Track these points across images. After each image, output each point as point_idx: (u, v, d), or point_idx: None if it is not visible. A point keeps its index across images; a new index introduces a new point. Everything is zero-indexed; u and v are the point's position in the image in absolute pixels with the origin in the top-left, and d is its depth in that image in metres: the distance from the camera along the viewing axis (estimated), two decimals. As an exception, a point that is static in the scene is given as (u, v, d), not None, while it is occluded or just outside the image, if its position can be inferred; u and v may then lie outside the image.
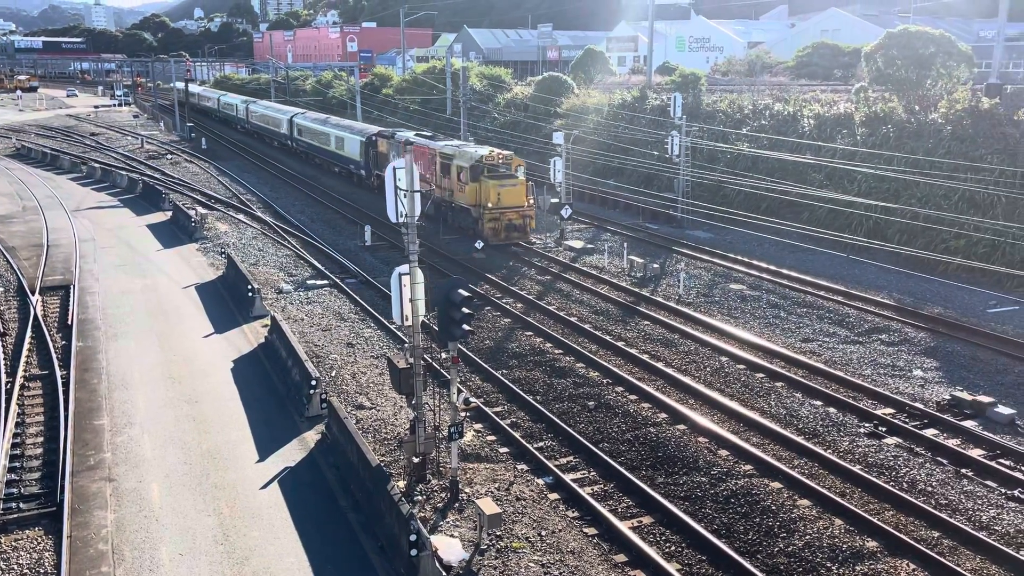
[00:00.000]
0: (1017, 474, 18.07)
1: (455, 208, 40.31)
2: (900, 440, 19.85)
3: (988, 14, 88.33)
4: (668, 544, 16.02)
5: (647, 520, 16.80)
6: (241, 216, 45.86)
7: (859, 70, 46.27)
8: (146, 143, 76.39)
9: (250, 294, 29.32)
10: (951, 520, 16.44)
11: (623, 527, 16.27)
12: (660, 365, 24.43)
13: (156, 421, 21.02)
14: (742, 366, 24.49)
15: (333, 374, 23.85)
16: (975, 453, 19.08)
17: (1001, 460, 18.86)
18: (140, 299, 31.08)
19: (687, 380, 23.27)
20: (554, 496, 17.62)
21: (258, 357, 25.48)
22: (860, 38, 72.19)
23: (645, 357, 25.07)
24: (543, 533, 16.17)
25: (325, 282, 33.21)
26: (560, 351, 25.89)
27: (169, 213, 46.51)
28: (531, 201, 39.01)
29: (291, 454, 19.48)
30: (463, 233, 40.15)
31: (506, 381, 23.22)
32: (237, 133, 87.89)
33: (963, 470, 18.51)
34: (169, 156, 69.32)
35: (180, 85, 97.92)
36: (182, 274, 34.72)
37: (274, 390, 23.04)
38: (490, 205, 37.55)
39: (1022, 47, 71.34)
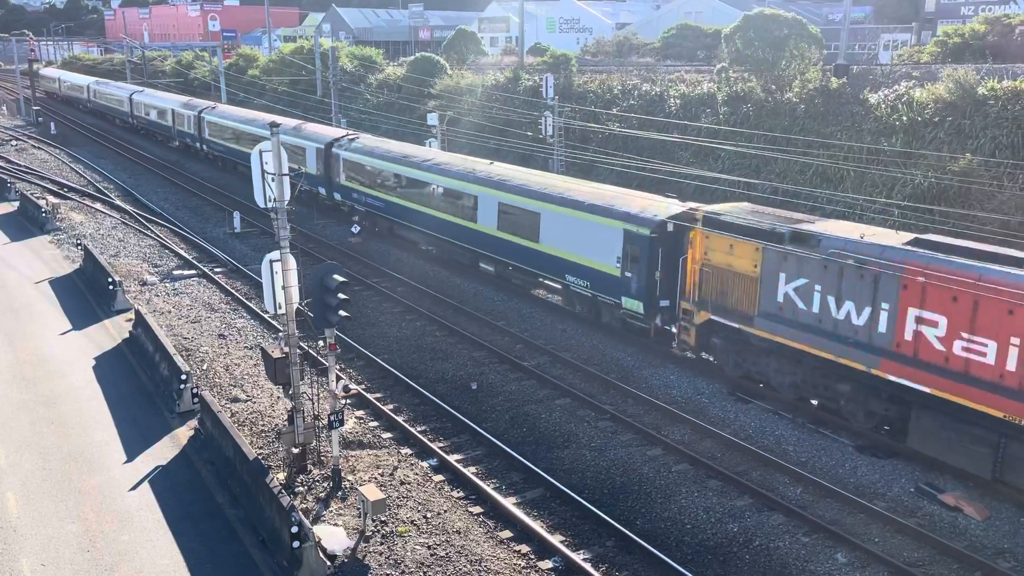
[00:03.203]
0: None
1: None
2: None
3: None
4: (552, 517, 16.35)
5: (531, 495, 17.08)
6: (98, 205, 43.22)
7: (720, 51, 48.12)
8: (-14, 129, 70.74)
9: (111, 287, 27.75)
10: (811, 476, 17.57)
11: (507, 503, 16.48)
12: (540, 343, 24.80)
13: (8, 427, 19.62)
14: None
15: (205, 367, 22.94)
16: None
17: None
18: (-14, 297, 28.87)
19: (566, 356, 23.73)
20: (439, 478, 17.63)
21: (123, 353, 24.18)
22: (721, 20, 75.03)
23: (526, 336, 25.39)
24: (428, 515, 16.16)
25: (193, 272, 31.82)
26: (442, 333, 25.85)
27: (16, 204, 43.28)
28: None
29: (162, 452, 18.64)
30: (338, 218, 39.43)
31: (388, 366, 23.00)
32: (90, 117, 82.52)
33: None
34: (14, 142, 64.39)
35: (49, 68, 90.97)
36: (33, 268, 32.45)
37: (141, 387, 21.94)
38: None
39: (866, 29, 76.06)
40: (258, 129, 44.97)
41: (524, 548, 15.34)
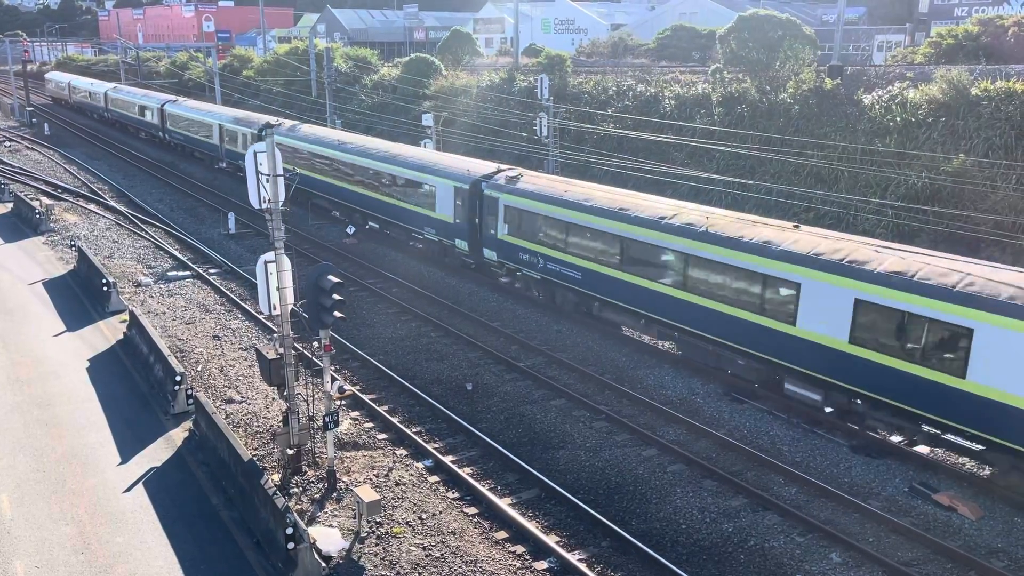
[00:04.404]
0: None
1: None
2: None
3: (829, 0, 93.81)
4: (548, 517, 16.35)
5: (527, 496, 17.08)
6: (93, 206, 43.10)
7: (715, 52, 48.18)
8: (-20, 130, 70.54)
9: (105, 288, 27.69)
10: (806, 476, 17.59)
11: (502, 504, 16.47)
12: (535, 344, 24.82)
13: (2, 428, 19.57)
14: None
15: (200, 368, 22.89)
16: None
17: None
18: (-20, 298, 28.78)
19: (561, 357, 23.75)
20: (434, 479, 17.62)
21: (117, 355, 24.12)
22: (715, 21, 75.14)
23: (521, 337, 25.40)
24: (424, 516, 16.15)
25: (187, 273, 31.75)
26: (437, 334, 25.84)
27: (10, 204, 43.16)
28: None
29: (157, 454, 18.59)
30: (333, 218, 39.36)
31: (383, 367, 22.98)
32: (85, 118, 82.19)
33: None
34: (7, 143, 64.21)
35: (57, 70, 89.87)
36: (27, 270, 32.35)
37: (136, 388, 21.89)
38: None
39: (860, 30, 76.25)
40: (355, 157, 36.70)
41: (519, 549, 15.34)
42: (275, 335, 17.15)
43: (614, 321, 25.33)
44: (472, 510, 16.51)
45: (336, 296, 16.34)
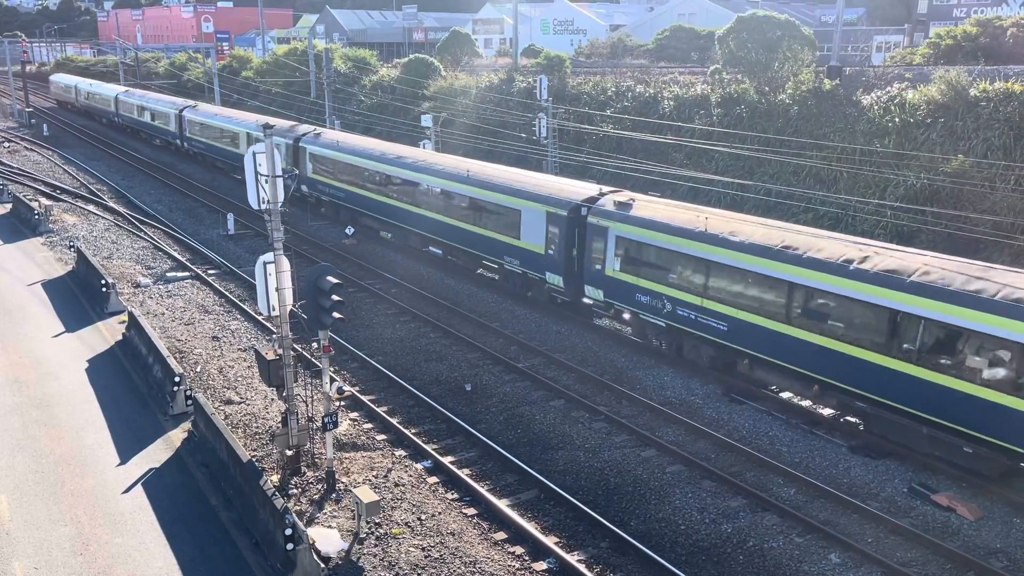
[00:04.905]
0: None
1: None
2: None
3: (828, 0, 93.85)
4: (547, 518, 16.35)
5: (526, 496, 17.08)
6: (91, 207, 43.08)
7: (714, 53, 48.19)
8: (-21, 130, 70.47)
9: (104, 289, 27.68)
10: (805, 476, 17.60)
11: (501, 505, 16.47)
12: (534, 345, 24.82)
13: (1, 429, 19.55)
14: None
15: (199, 369, 22.88)
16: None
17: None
18: (-22, 299, 28.77)
19: (560, 358, 23.75)
20: (433, 480, 17.61)
21: (116, 355, 24.11)
22: (714, 22, 75.19)
23: (520, 338, 25.40)
24: (423, 517, 16.15)
25: (187, 274, 31.74)
26: (436, 335, 25.84)
27: (9, 205, 43.14)
28: None
29: (156, 455, 18.59)
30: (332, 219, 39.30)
31: (382, 368, 22.97)
32: (82, 118, 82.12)
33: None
34: (6, 144, 64.19)
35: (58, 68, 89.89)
36: (26, 270, 32.33)
37: (135, 389, 21.88)
38: None
39: (859, 31, 76.31)
40: (413, 173, 32.94)
41: (518, 550, 15.34)
42: (274, 336, 17.14)
43: (764, 381, 21.53)
44: (471, 511, 16.51)
45: (335, 297, 16.33)
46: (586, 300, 25.80)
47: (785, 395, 21.29)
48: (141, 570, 14.68)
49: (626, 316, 24.77)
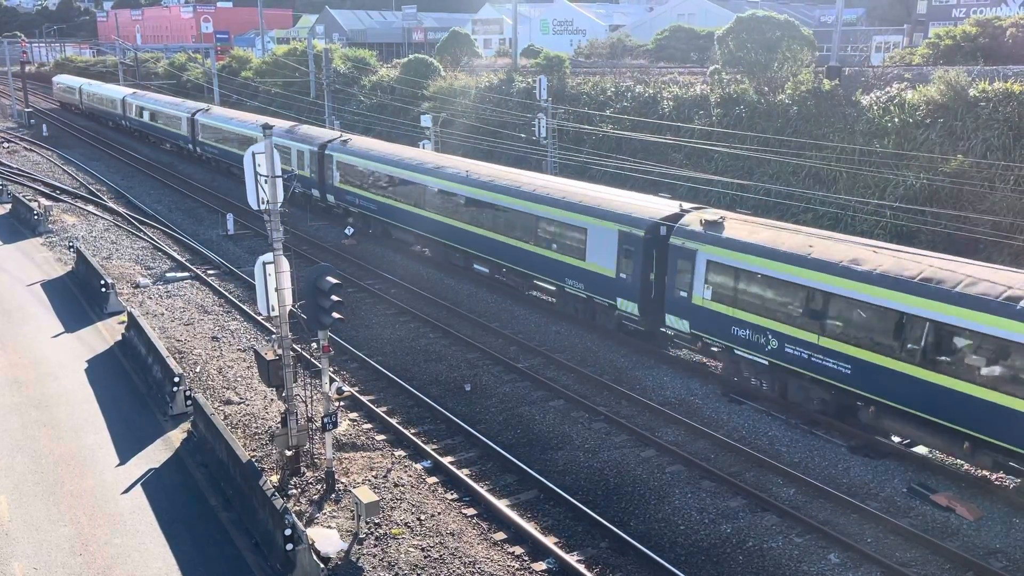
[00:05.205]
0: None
1: None
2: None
3: (828, 0, 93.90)
4: (546, 518, 16.35)
5: (525, 497, 17.08)
6: (91, 207, 43.08)
7: (713, 53, 48.21)
8: (-22, 130, 70.47)
9: (103, 289, 27.67)
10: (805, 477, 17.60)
11: (501, 505, 16.47)
12: (534, 345, 24.82)
13: (0, 429, 19.54)
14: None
15: (198, 370, 22.88)
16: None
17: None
18: (-22, 299, 28.76)
19: (560, 358, 23.75)
20: (433, 480, 17.61)
21: (115, 356, 24.11)
22: (713, 22, 75.25)
23: (520, 338, 25.40)
24: (423, 517, 16.15)
25: (186, 274, 31.74)
26: (436, 335, 25.84)
27: (8, 205, 43.13)
28: None
29: (155, 455, 18.58)
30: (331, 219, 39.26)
31: (381, 368, 22.97)
32: (84, 119, 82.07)
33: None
34: (6, 144, 64.18)
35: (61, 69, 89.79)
36: (25, 271, 32.33)
37: (134, 390, 21.88)
38: None
39: (858, 31, 76.34)
40: (458, 185, 30.44)
41: (518, 550, 15.34)
42: (274, 336, 17.14)
43: (895, 431, 18.80)
44: (471, 511, 16.51)
45: (335, 297, 16.34)
46: (666, 330, 23.22)
47: (921, 450, 18.86)
48: (140, 570, 14.67)
49: (714, 349, 22.16)
